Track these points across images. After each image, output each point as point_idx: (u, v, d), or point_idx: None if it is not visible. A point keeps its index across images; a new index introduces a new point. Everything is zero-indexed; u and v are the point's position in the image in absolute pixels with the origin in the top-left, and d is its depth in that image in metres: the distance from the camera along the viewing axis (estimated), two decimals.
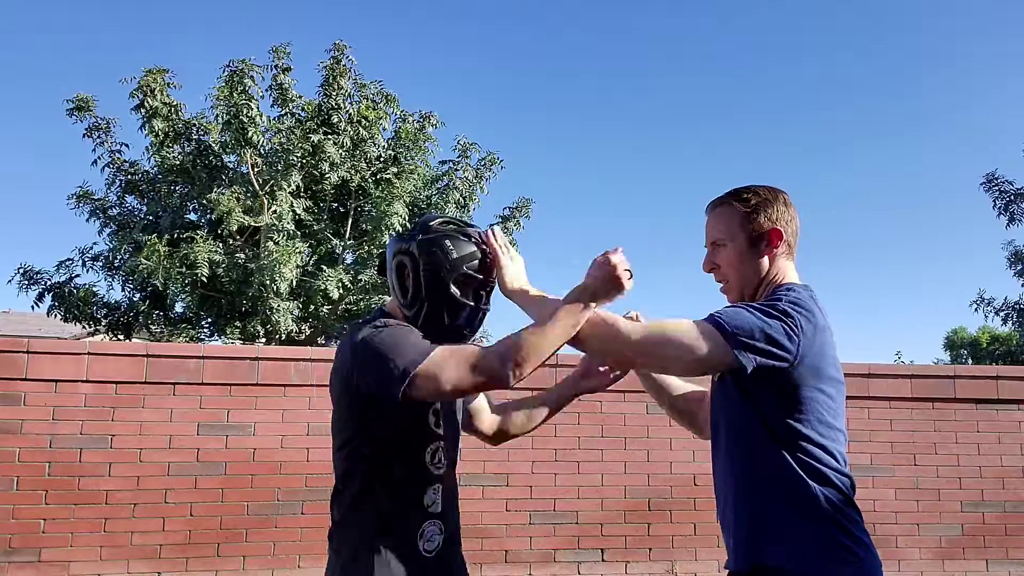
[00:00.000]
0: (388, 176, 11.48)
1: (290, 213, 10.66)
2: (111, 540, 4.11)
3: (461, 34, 45.66)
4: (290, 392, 4.43)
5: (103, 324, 11.52)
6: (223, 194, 10.34)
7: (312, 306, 11.24)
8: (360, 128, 11.49)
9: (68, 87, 32.56)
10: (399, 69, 37.39)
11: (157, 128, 10.95)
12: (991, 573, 4.99)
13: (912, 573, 4.89)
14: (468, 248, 1.77)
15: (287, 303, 10.54)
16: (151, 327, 11.56)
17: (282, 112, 11.59)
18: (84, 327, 11.76)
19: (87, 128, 11.33)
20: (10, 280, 11.36)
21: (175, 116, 11.20)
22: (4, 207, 43.87)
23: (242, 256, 10.86)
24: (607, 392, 4.44)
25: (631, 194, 51.17)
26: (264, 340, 10.78)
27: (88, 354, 4.25)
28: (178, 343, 10.10)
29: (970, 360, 31.30)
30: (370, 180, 11.65)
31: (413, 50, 42.63)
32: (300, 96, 11.70)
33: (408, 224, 11.20)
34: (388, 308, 1.84)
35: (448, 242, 1.75)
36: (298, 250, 10.43)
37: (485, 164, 12.46)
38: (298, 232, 11.03)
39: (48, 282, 11.26)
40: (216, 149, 11.33)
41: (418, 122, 12.31)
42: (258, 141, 10.91)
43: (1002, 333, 22.61)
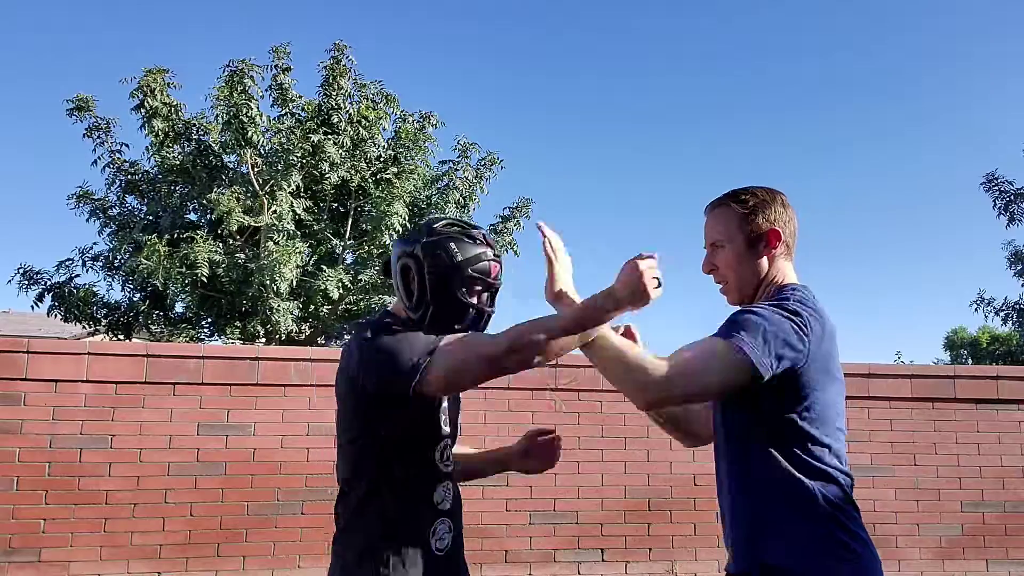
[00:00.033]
0: (388, 176, 11.47)
1: (290, 213, 10.65)
2: (111, 540, 4.11)
3: (461, 34, 45.65)
4: (290, 392, 4.43)
5: (103, 324, 11.50)
6: (223, 194, 10.33)
7: (312, 306, 11.24)
8: (360, 128, 11.48)
9: (68, 87, 32.57)
10: (399, 69, 37.40)
11: (157, 128, 10.94)
12: (991, 573, 5.00)
13: (912, 573, 4.89)
14: (473, 250, 1.76)
15: (287, 303, 10.53)
16: (151, 327, 11.55)
17: (282, 112, 11.58)
18: (84, 327, 11.75)
19: (87, 128, 11.31)
20: (10, 280, 11.34)
21: (175, 116, 11.19)
22: (4, 207, 43.90)
23: (242, 256, 10.85)
24: (607, 392, 4.47)
25: (631, 194, 51.20)
26: (264, 340, 10.77)
27: (88, 354, 4.25)
28: (178, 343, 10.10)
29: (970, 360, 31.30)
30: (370, 180, 11.65)
31: (413, 50, 42.63)
32: (300, 96, 11.69)
33: (408, 224, 11.20)
34: (393, 309, 1.84)
35: (453, 244, 1.74)
36: (298, 250, 10.42)
37: (485, 164, 12.45)
38: (298, 232, 11.02)
39: (48, 282, 11.24)
40: (216, 149, 11.32)
41: (418, 122, 12.30)
42: (258, 141, 10.91)
43: (1002, 333, 22.61)
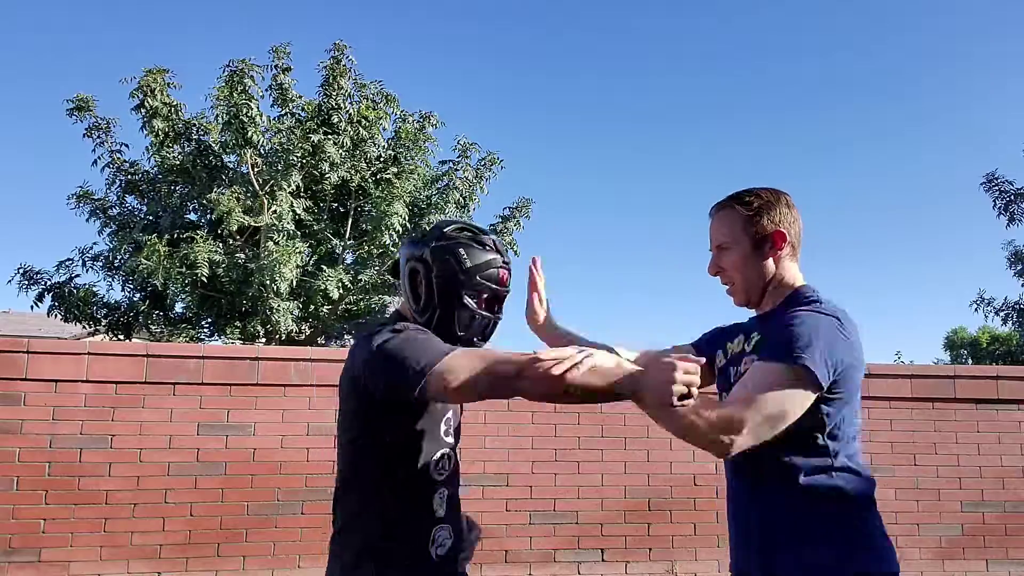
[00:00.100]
0: (388, 176, 11.47)
1: (290, 213, 10.65)
2: (111, 540, 4.11)
3: (461, 34, 45.70)
4: (290, 392, 4.43)
5: (103, 324, 11.50)
6: (223, 194, 10.33)
7: (312, 306, 11.24)
8: (360, 128, 11.48)
9: (68, 87, 32.56)
10: (399, 69, 37.47)
11: (157, 128, 10.94)
12: (991, 573, 4.99)
13: (912, 573, 4.89)
14: (483, 256, 1.76)
15: (287, 303, 10.53)
16: (151, 327, 11.55)
17: (282, 112, 11.59)
18: (84, 327, 11.75)
19: (87, 128, 11.32)
20: (10, 280, 11.36)
21: (175, 116, 11.19)
22: (4, 207, 43.89)
23: (242, 256, 10.85)
24: None
25: (631, 194, 51.19)
26: (264, 340, 10.77)
27: (88, 354, 4.25)
28: (178, 343, 10.09)
29: (970, 360, 31.31)
30: (370, 180, 11.65)
31: (413, 50, 42.68)
32: (300, 96, 11.70)
33: (408, 224, 11.20)
34: (401, 310, 1.83)
35: (462, 250, 1.74)
36: (298, 250, 10.42)
37: (485, 164, 12.45)
38: (298, 232, 11.02)
39: (48, 282, 11.24)
40: (216, 149, 11.32)
41: (418, 122, 12.30)
42: (258, 141, 10.90)
43: (1002, 333, 22.61)
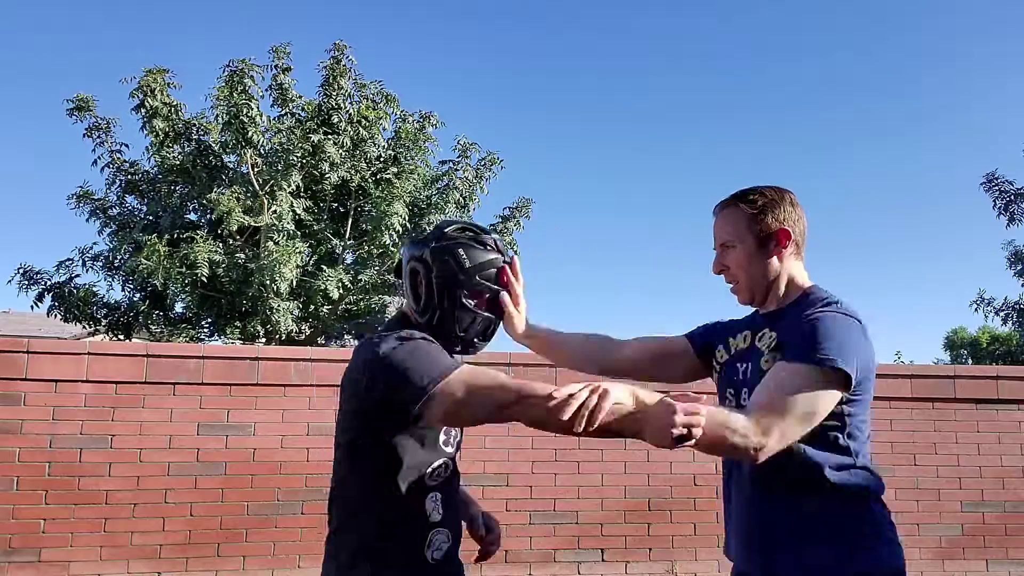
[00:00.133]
0: (388, 176, 11.47)
1: (290, 213, 10.65)
2: (111, 540, 4.11)
3: (461, 34, 45.72)
4: (290, 392, 4.43)
5: (103, 324, 11.50)
6: (223, 194, 10.33)
7: (312, 306, 11.24)
8: (360, 128, 11.48)
9: (68, 87, 32.58)
10: (399, 69, 37.48)
11: (157, 128, 10.94)
12: (991, 573, 4.99)
13: (912, 573, 4.87)
14: (483, 257, 1.74)
15: (287, 303, 10.53)
16: (151, 327, 11.55)
17: (282, 112, 11.58)
18: (84, 327, 11.75)
19: (87, 128, 11.32)
20: (10, 280, 11.37)
21: (175, 116, 11.19)
22: (4, 207, 43.91)
23: (242, 256, 10.85)
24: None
25: (631, 194, 51.21)
26: (264, 340, 10.77)
27: (88, 354, 4.25)
28: (178, 343, 10.09)
29: (970, 360, 31.31)
30: (370, 180, 11.64)
31: (413, 50, 42.69)
32: (300, 96, 11.70)
33: (408, 224, 11.20)
34: (405, 311, 1.81)
35: (462, 251, 1.72)
36: (298, 250, 10.42)
37: (485, 164, 12.45)
38: (298, 232, 11.02)
39: (48, 282, 11.24)
40: (216, 149, 11.32)
41: (418, 122, 12.29)
42: (258, 141, 10.90)
43: (1002, 333, 22.61)
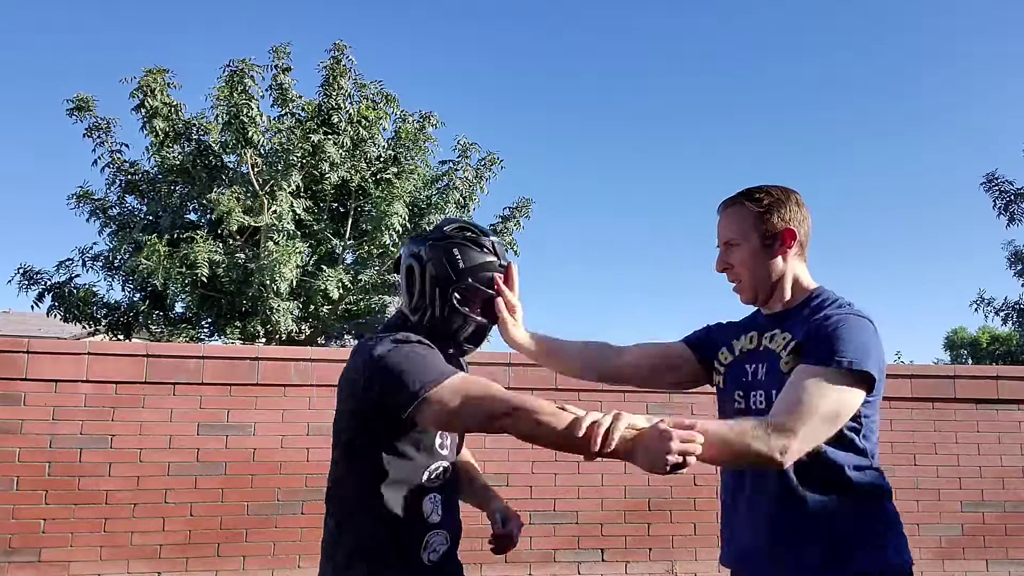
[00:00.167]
0: (388, 176, 11.47)
1: (290, 213, 10.65)
2: (111, 540, 4.11)
3: (461, 34, 45.72)
4: (290, 392, 4.43)
5: (103, 324, 11.50)
6: (223, 194, 10.33)
7: (312, 306, 11.24)
8: (360, 128, 11.47)
9: (68, 87, 32.58)
10: (399, 69, 37.48)
11: (157, 128, 10.94)
12: (991, 573, 4.99)
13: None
14: (479, 259, 1.70)
15: (287, 303, 10.53)
16: (151, 327, 11.55)
17: (282, 112, 11.58)
18: (84, 327, 11.75)
19: (87, 128, 11.32)
20: (10, 280, 11.37)
21: (175, 116, 11.19)
22: (4, 207, 43.89)
23: (242, 256, 10.86)
24: (607, 392, 4.47)
25: (631, 194, 51.19)
26: (264, 340, 10.77)
27: (88, 354, 4.24)
28: (178, 343, 10.09)
29: (970, 360, 31.31)
30: (370, 180, 11.64)
31: (413, 50, 42.69)
32: (300, 96, 11.70)
33: (408, 224, 11.20)
34: (404, 310, 1.79)
35: (457, 251, 1.69)
36: (298, 250, 10.42)
37: (485, 164, 12.44)
38: (298, 232, 11.02)
39: (48, 282, 11.25)
40: (216, 149, 11.32)
41: (418, 122, 12.29)
42: (258, 141, 10.90)
43: (1002, 333, 22.61)
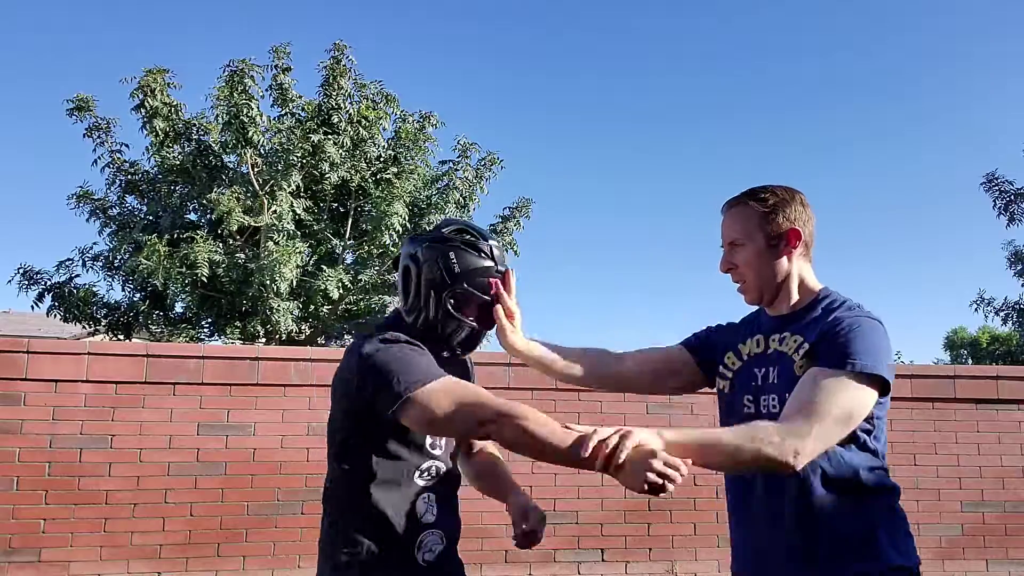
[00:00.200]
0: (388, 176, 11.47)
1: (290, 213, 10.65)
2: (111, 540, 4.11)
3: (461, 34, 45.74)
4: (290, 392, 4.43)
5: (103, 324, 11.50)
6: (223, 194, 10.32)
7: (312, 306, 11.24)
8: (360, 128, 11.47)
9: (68, 87, 32.59)
10: (399, 69, 37.52)
11: (157, 128, 10.94)
12: (991, 573, 4.99)
13: None
14: (475, 263, 1.68)
15: (287, 303, 10.53)
16: (151, 327, 11.55)
17: (282, 112, 11.58)
18: (84, 327, 11.75)
19: (87, 128, 11.31)
20: (10, 280, 11.35)
21: (175, 116, 11.19)
22: (4, 207, 43.91)
23: (242, 256, 10.85)
24: (607, 392, 4.46)
25: (631, 194, 51.23)
26: (264, 340, 10.77)
27: (88, 354, 4.24)
28: (178, 343, 10.09)
29: (970, 360, 31.32)
30: (370, 180, 11.64)
31: (413, 50, 42.71)
32: (300, 96, 11.69)
33: (408, 224, 11.20)
34: (401, 310, 1.78)
35: (453, 254, 1.67)
36: (298, 250, 10.42)
37: (485, 164, 12.44)
38: (298, 232, 11.01)
39: (48, 282, 11.24)
40: (216, 149, 11.32)
41: (418, 122, 12.29)
42: (258, 141, 10.90)
43: (1002, 333, 22.63)
